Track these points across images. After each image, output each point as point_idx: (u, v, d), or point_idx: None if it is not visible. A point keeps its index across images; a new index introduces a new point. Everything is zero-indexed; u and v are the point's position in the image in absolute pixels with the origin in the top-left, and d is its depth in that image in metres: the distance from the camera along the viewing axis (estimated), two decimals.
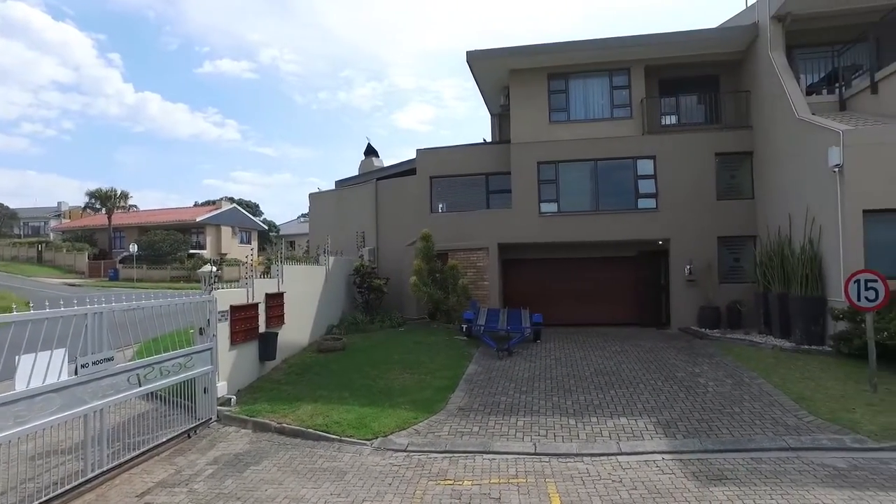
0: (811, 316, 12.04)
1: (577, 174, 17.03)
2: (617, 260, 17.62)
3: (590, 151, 16.74)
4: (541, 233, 16.86)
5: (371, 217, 19.95)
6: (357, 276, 17.45)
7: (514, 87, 17.51)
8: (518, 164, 17.11)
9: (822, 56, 14.92)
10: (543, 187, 17.04)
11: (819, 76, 15.12)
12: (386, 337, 14.56)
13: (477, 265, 17.38)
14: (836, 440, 7.15)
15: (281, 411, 8.81)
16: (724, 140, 16.19)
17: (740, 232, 15.94)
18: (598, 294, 17.67)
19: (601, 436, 7.57)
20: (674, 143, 16.34)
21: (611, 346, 13.45)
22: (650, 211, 16.35)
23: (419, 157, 18.83)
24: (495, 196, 18.32)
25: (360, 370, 11.16)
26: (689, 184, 16.11)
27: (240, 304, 10.21)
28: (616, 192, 16.74)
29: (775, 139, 14.52)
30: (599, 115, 17.21)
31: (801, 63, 14.81)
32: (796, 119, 13.25)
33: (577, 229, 16.62)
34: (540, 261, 18.07)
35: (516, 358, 12.32)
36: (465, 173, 18.57)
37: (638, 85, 16.90)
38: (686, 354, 12.01)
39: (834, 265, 11.67)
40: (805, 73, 14.84)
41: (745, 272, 15.96)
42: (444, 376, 10.73)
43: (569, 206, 16.89)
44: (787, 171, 13.78)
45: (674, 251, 16.12)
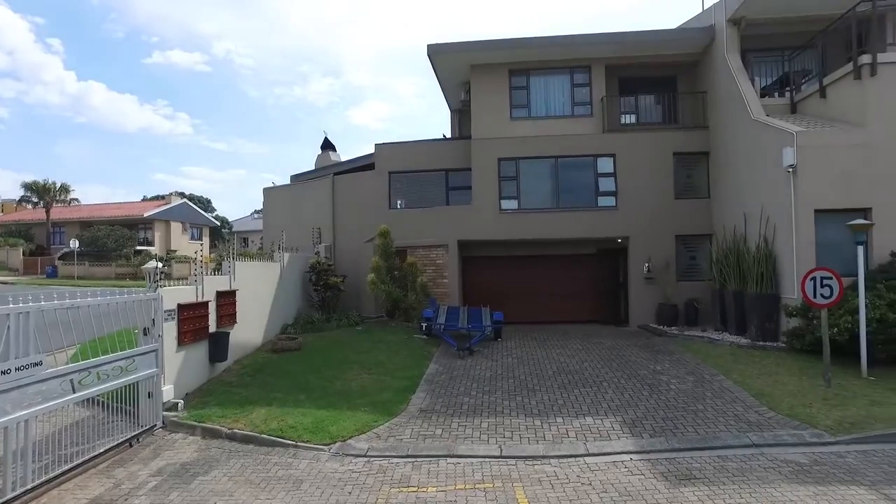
0: (766, 313, 12.28)
1: (537, 171, 16.96)
2: (577, 258, 17.66)
3: (551, 148, 16.69)
4: (501, 230, 16.71)
5: (328, 213, 19.40)
6: (313, 273, 16.91)
7: (475, 82, 17.30)
8: (479, 159, 16.91)
9: (773, 60, 15.27)
10: (504, 184, 16.89)
11: (771, 80, 15.46)
12: (343, 336, 14.12)
13: (436, 263, 17.11)
14: (797, 436, 7.20)
15: (232, 416, 8.31)
16: (682, 140, 16.42)
17: (697, 231, 16.19)
18: (558, 292, 17.66)
19: (568, 436, 7.41)
20: (633, 141, 16.46)
21: (572, 343, 13.40)
22: (610, 209, 16.42)
23: (378, 151, 18.40)
24: (455, 192, 18.09)
25: (316, 371, 10.71)
26: (648, 182, 16.25)
27: (188, 302, 9.62)
28: (576, 189, 16.74)
29: (731, 139, 14.78)
30: (560, 112, 17.18)
31: (755, 66, 15.10)
32: (751, 120, 13.50)
33: (537, 227, 16.55)
34: (500, 258, 17.94)
35: (478, 357, 12.10)
36: (424, 169, 18.25)
37: (598, 83, 16.95)
38: (647, 352, 12.05)
39: (787, 263, 11.92)
40: (759, 76, 15.14)
41: (702, 270, 16.23)
42: (404, 377, 10.41)
43: (529, 204, 16.80)
44: (743, 171, 14.03)
45: (633, 249, 16.25)
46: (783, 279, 12.12)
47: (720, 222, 15.39)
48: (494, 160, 16.86)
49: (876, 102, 11.58)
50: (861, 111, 11.73)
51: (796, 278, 11.52)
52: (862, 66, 11.69)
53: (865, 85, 11.67)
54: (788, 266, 11.86)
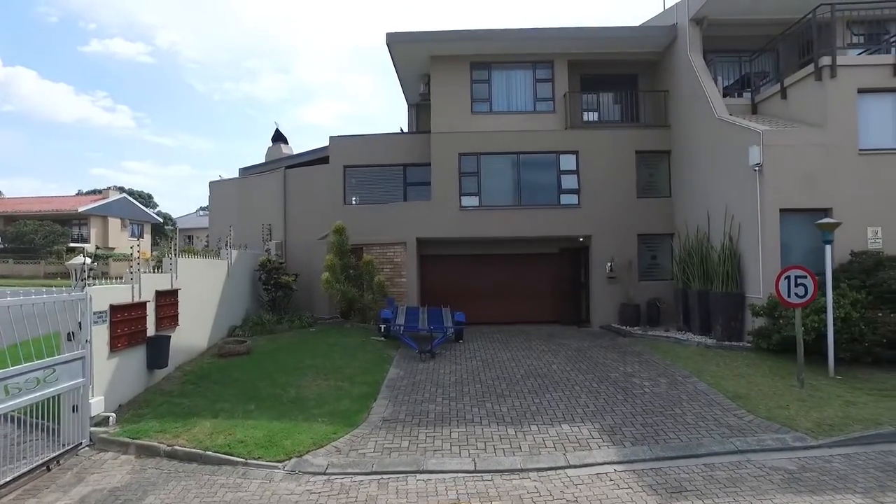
0: (731, 312, 12.18)
1: (499, 167, 16.50)
2: (538, 257, 17.31)
3: (513, 144, 16.28)
4: (461, 227, 16.16)
5: (279, 208, 18.38)
6: (263, 271, 15.91)
7: (435, 74, 16.69)
8: (438, 154, 16.32)
9: (731, 61, 15.37)
10: (465, 180, 16.36)
11: (730, 81, 15.51)
12: (296, 338, 13.25)
13: (394, 261, 16.41)
14: (779, 440, 6.93)
15: (172, 430, 7.41)
16: (645, 138, 16.30)
17: (659, 230, 16.10)
18: (519, 292, 17.26)
19: (545, 446, 6.90)
20: (596, 139, 16.23)
21: (536, 345, 12.99)
22: (572, 207, 16.13)
23: (332, 144, 17.55)
24: (414, 188, 17.45)
25: (267, 377, 9.86)
26: (611, 181, 16.05)
27: (123, 303, 8.61)
28: (539, 187, 16.38)
29: (694, 138, 14.72)
30: (522, 107, 16.78)
31: (714, 67, 15.08)
32: (716, 119, 13.44)
33: (498, 224, 16.09)
34: (460, 257, 17.39)
35: (440, 360, 11.51)
36: (381, 163, 17.53)
37: (561, 79, 16.64)
38: (614, 353, 11.74)
39: (753, 262, 11.85)
40: (719, 77, 15.14)
41: (663, 270, 16.16)
42: (363, 382, 9.69)
43: (490, 201, 16.32)
44: (706, 169, 13.97)
45: (595, 248, 16.01)
46: (748, 278, 12.05)
47: (682, 221, 15.33)
48: (455, 155, 16.31)
49: (835, 104, 11.65)
50: (821, 112, 11.78)
51: (762, 277, 11.47)
52: (822, 68, 11.74)
53: (826, 86, 11.72)
54: (754, 265, 11.79)
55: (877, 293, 10.11)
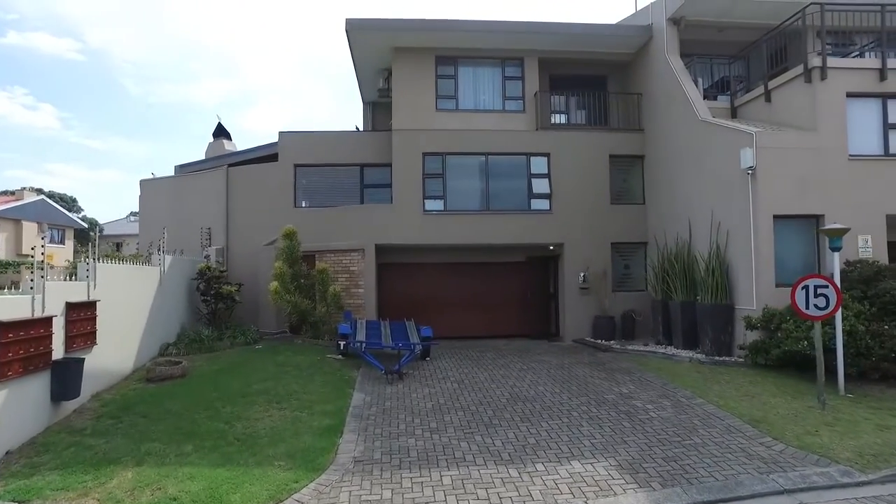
0: (720, 325, 11.40)
1: (466, 169, 15.34)
2: (506, 266, 16.21)
3: (480, 144, 15.15)
4: (425, 233, 14.85)
5: (221, 210, 16.52)
6: (202, 280, 14.07)
7: (397, 67, 15.39)
8: (400, 153, 14.99)
9: (704, 64, 14.90)
10: (429, 182, 15.09)
11: (705, 84, 15.00)
12: (240, 357, 11.54)
13: (350, 269, 14.89)
14: (824, 475, 5.95)
15: (79, 485, 5.69)
16: (618, 142, 15.53)
17: (632, 238, 15.33)
18: (485, 303, 16.08)
19: (560, 493, 5.63)
20: (569, 141, 15.33)
21: (512, 362, 11.80)
22: (544, 213, 15.13)
23: (282, 140, 15.92)
24: (372, 191, 16.05)
25: (208, 407, 8.19)
26: (583, 186, 15.17)
27: (17, 318, 6.80)
28: (508, 191, 15.30)
29: (672, 142, 14.03)
30: (490, 106, 15.71)
31: (694, 69, 14.51)
32: (698, 121, 12.76)
33: (465, 231, 14.88)
34: (422, 265, 16.06)
35: (410, 381, 10.12)
36: (337, 163, 16.04)
37: (531, 77, 15.70)
38: (601, 371, 10.69)
39: (744, 272, 11.12)
40: (700, 79, 14.57)
41: (637, 280, 15.40)
42: (324, 411, 8.18)
43: (457, 205, 15.10)
44: (687, 175, 13.26)
45: (567, 257, 15.04)
46: (738, 289, 11.30)
47: (657, 229, 14.60)
48: (418, 155, 15.02)
49: (825, 107, 11.15)
50: (810, 116, 11.25)
51: (756, 288, 10.74)
52: (812, 70, 11.23)
53: (815, 88, 11.21)
54: (745, 275, 11.05)
55: (880, 304, 9.48)
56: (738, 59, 13.83)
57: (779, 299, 10.52)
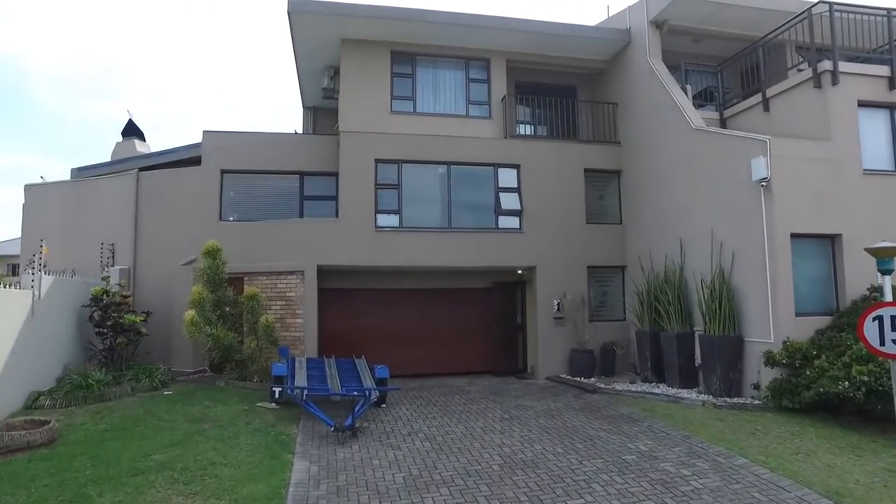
0: (729, 360, 9.77)
1: (425, 180, 13.32)
2: (469, 293, 14.17)
3: (442, 151, 13.19)
4: (377, 254, 12.62)
5: (128, 223, 13.65)
6: (97, 308, 11.22)
7: (347, 61, 13.28)
8: (349, 159, 12.78)
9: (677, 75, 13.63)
10: (382, 194, 12.93)
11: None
12: (141, 409, 8.82)
13: (286, 295, 12.41)
14: None
15: None
16: (594, 155, 13.98)
17: (609, 262, 13.71)
18: (444, 336, 13.92)
19: None
20: (541, 152, 13.65)
21: (488, 408, 9.69)
22: (513, 232, 13.26)
23: (207, 142, 13.36)
24: (314, 203, 13.73)
25: (75, 497, 5.57)
26: (557, 202, 13.47)
27: None
28: (473, 206, 13.37)
29: (657, 156, 12.58)
30: (453, 110, 13.84)
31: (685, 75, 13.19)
32: (692, 130, 11.37)
33: (423, 251, 12.77)
34: (373, 292, 13.77)
35: (367, 440, 7.78)
36: (272, 169, 13.63)
37: (499, 80, 14.00)
38: (600, 420, 8.73)
39: (755, 299, 9.59)
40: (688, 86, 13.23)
41: (614, 308, 13.76)
42: (253, 497, 5.75)
43: (414, 221, 13.00)
44: (678, 190, 11.78)
45: (540, 282, 13.18)
46: (749, 318, 9.75)
47: (639, 251, 13.03)
48: (370, 161, 12.87)
49: (838, 115, 9.96)
50: (822, 125, 10.00)
51: (773, 316, 9.20)
52: (822, 74, 10.04)
53: (826, 95, 10.01)
54: (758, 302, 9.52)
55: None
56: (726, 66, 12.66)
57: (800, 331, 9.09)
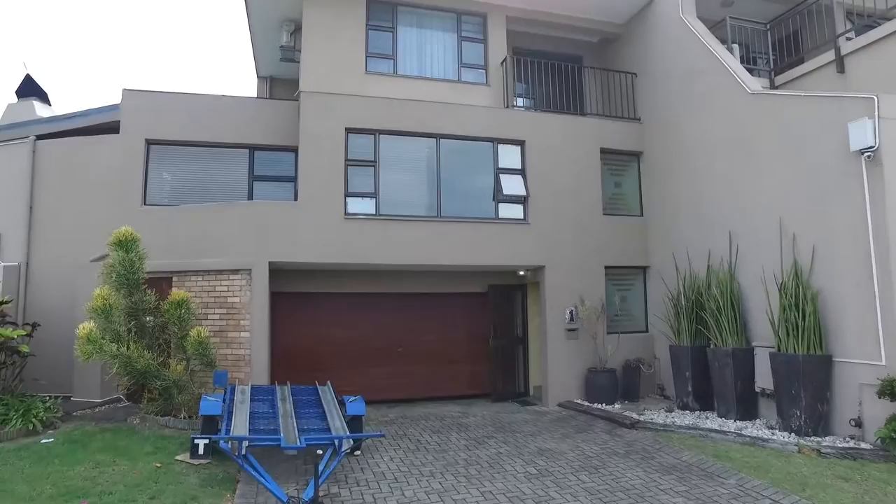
0: (814, 388, 7.45)
1: (408, 156, 10.70)
2: (460, 299, 11.57)
3: (429, 122, 10.59)
4: (346, 248, 9.89)
5: (20, 206, 10.57)
6: None
7: (311, 9, 10.56)
8: (313, 127, 10.04)
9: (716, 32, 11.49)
10: (354, 173, 10.23)
11: None
12: (2, 467, 5.91)
13: (228, 301, 9.53)
14: None
15: None
16: (612, 133, 11.61)
17: (630, 260, 11.35)
18: (431, 351, 11.27)
19: None
20: (551, 126, 11.21)
21: (502, 457, 7.07)
22: (517, 223, 10.76)
23: (127, 102, 10.42)
24: (266, 185, 11.00)
25: None
26: (570, 188, 11.05)
27: None
28: (468, 190, 10.82)
29: (695, 133, 10.28)
30: (442, 74, 11.29)
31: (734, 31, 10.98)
32: (748, 96, 9.08)
33: (406, 246, 10.12)
34: (340, 297, 11.01)
35: None
36: (213, 141, 10.80)
37: (497, 41, 11.54)
38: (662, 474, 6.19)
39: (851, 306, 7.32)
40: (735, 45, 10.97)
41: (635, 318, 11.41)
42: None
43: (394, 207, 10.34)
44: (727, 172, 9.48)
45: (550, 286, 10.70)
46: (841, 332, 7.45)
47: (666, 248, 10.73)
48: (339, 131, 10.16)
49: None
50: None
51: (883, 331, 6.90)
52: None
53: None
54: (857, 311, 7.23)
55: None
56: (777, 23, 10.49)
57: None
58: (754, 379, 8.49)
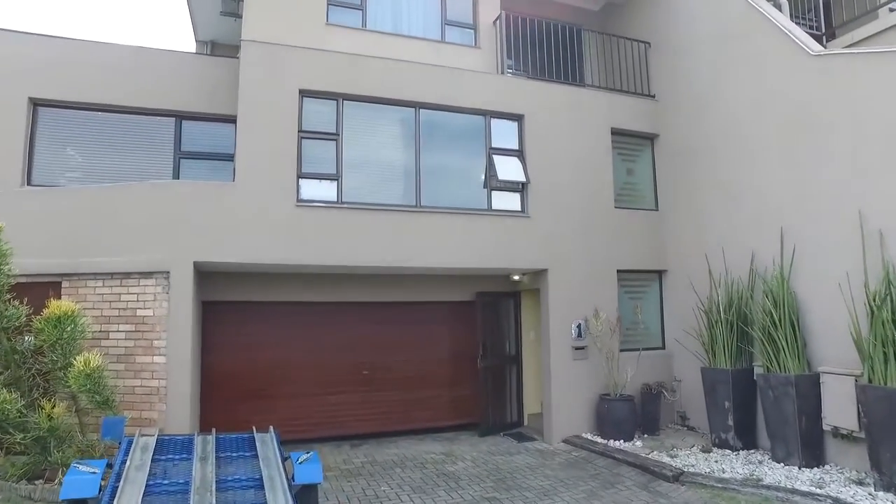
0: None
1: (380, 130, 8.50)
2: (441, 309, 9.43)
3: (407, 87, 8.41)
4: (299, 245, 7.60)
5: None
6: None
7: None
8: (256, 87, 7.71)
9: None
10: (311, 148, 7.95)
11: None
12: None
13: (138, 315, 7.08)
14: None
15: None
16: (624, 110, 9.70)
17: (644, 263, 9.47)
18: (406, 374, 9.09)
19: None
20: (553, 100, 9.21)
21: None
22: (515, 216, 8.71)
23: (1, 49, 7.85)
24: (198, 165, 8.61)
25: None
26: (577, 174, 9.09)
27: None
28: (455, 175, 8.73)
29: (730, 110, 8.45)
30: (422, 31, 9.16)
31: None
32: (810, 59, 7.30)
33: (377, 242, 7.91)
34: (291, 308, 8.68)
35: None
36: (128, 106, 8.31)
37: None
38: None
39: None
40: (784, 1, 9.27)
41: (649, 333, 9.51)
42: None
43: (362, 194, 8.11)
44: (780, 154, 7.66)
45: (554, 294, 8.69)
46: None
47: (689, 248, 8.93)
48: (292, 94, 7.86)
49: None
50: None
51: None
52: None
53: None
54: None
55: None
56: None
57: None
58: (821, 414, 6.70)
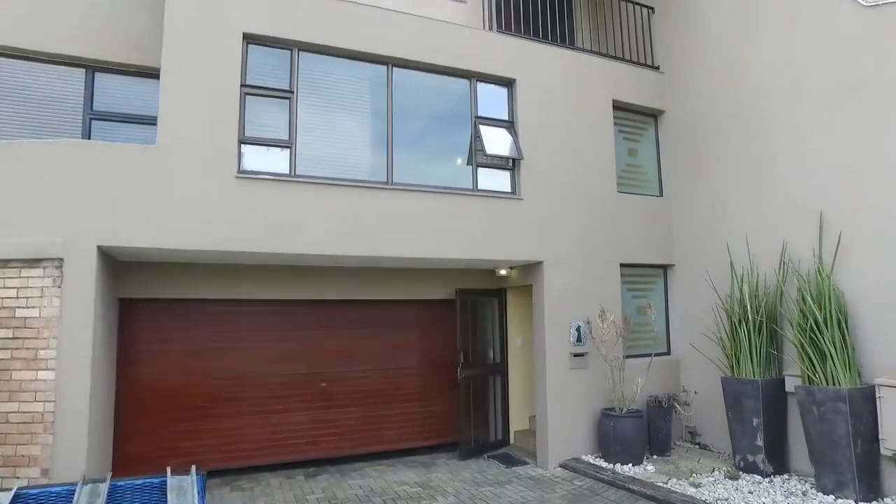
0: None
1: (343, 88, 6.96)
2: (414, 309, 7.98)
3: (379, 38, 6.90)
4: (240, 227, 6.01)
5: None
6: None
7: None
8: (188, 27, 6.08)
9: None
10: (256, 107, 6.36)
11: None
12: None
13: (18, 316, 5.38)
14: None
15: None
16: (627, 81, 8.43)
17: (649, 257, 8.24)
18: (370, 386, 7.61)
19: None
20: (548, 64, 7.85)
21: None
22: (504, 198, 7.33)
23: None
24: (113, 127, 6.91)
25: None
26: (575, 151, 7.77)
27: None
28: (433, 147, 7.30)
29: (754, 81, 7.29)
30: None
31: None
32: (863, 10, 6.16)
33: (338, 227, 6.40)
34: (232, 307, 7.08)
35: None
36: (24, 50, 6.54)
37: None
38: None
39: None
40: None
41: (654, 336, 8.28)
42: None
43: (321, 167, 6.58)
44: (820, 126, 6.51)
45: (549, 291, 7.35)
46: None
47: (701, 239, 7.79)
48: (232, 38, 6.25)
49: None
50: None
51: None
52: None
53: None
54: None
55: None
56: None
57: None
58: (878, 436, 5.57)
